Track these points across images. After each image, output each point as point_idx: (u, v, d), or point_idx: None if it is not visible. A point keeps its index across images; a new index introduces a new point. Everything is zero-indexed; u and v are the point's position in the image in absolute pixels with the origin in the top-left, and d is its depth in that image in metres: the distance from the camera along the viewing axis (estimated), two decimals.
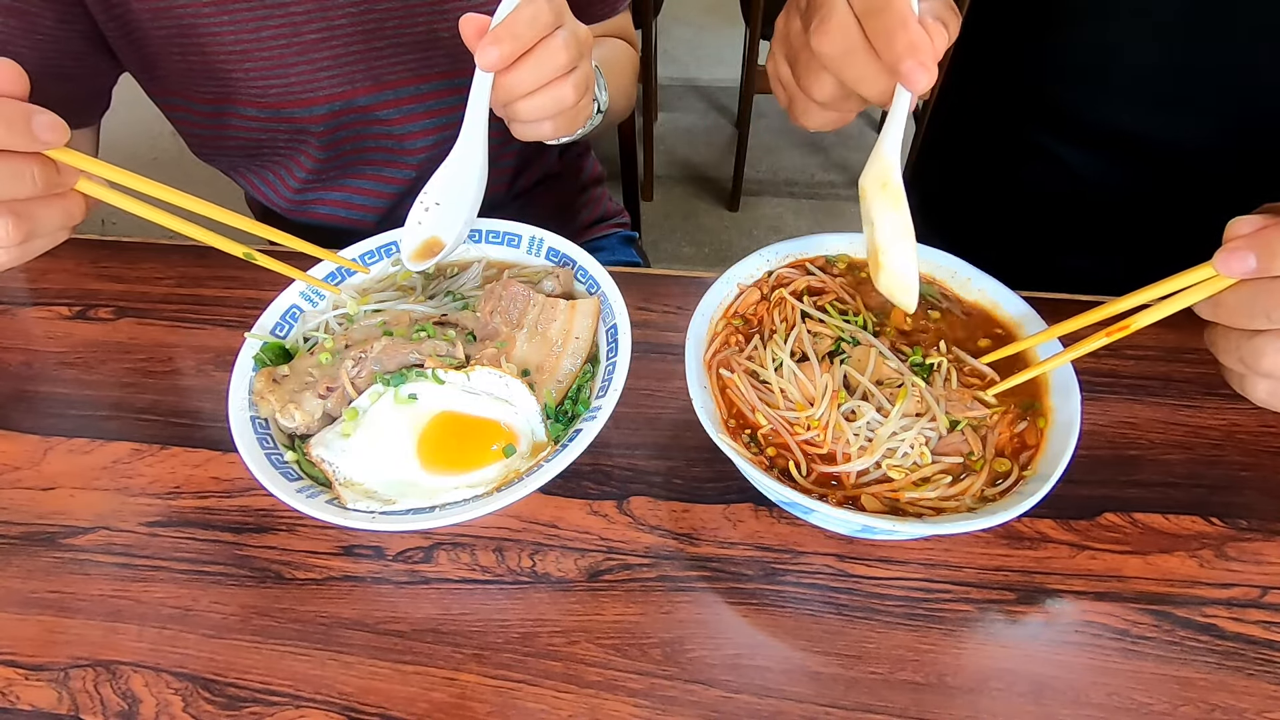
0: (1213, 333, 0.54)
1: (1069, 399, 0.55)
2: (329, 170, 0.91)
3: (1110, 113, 0.80)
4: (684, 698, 0.53)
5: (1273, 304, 0.47)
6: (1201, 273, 0.50)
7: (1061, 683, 0.53)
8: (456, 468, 0.58)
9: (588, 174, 1.18)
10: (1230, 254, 0.48)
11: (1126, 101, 0.78)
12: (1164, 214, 0.82)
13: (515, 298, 0.65)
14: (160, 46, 0.78)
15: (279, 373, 0.61)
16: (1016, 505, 0.49)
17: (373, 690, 0.54)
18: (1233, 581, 0.57)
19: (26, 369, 0.74)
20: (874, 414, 0.56)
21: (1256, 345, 0.50)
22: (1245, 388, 0.54)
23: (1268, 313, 0.48)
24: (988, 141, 0.95)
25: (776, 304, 0.64)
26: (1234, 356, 0.52)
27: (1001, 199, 0.94)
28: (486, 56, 0.57)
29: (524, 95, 0.60)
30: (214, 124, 0.86)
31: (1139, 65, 0.76)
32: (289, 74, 0.80)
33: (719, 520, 0.61)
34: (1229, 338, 0.52)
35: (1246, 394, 0.54)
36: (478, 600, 0.58)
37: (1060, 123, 0.84)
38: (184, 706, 0.53)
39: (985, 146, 0.95)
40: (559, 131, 0.65)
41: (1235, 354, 0.52)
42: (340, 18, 0.79)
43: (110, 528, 0.63)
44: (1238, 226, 0.49)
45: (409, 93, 0.86)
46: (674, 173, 2.61)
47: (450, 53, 0.84)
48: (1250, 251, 0.47)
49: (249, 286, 0.62)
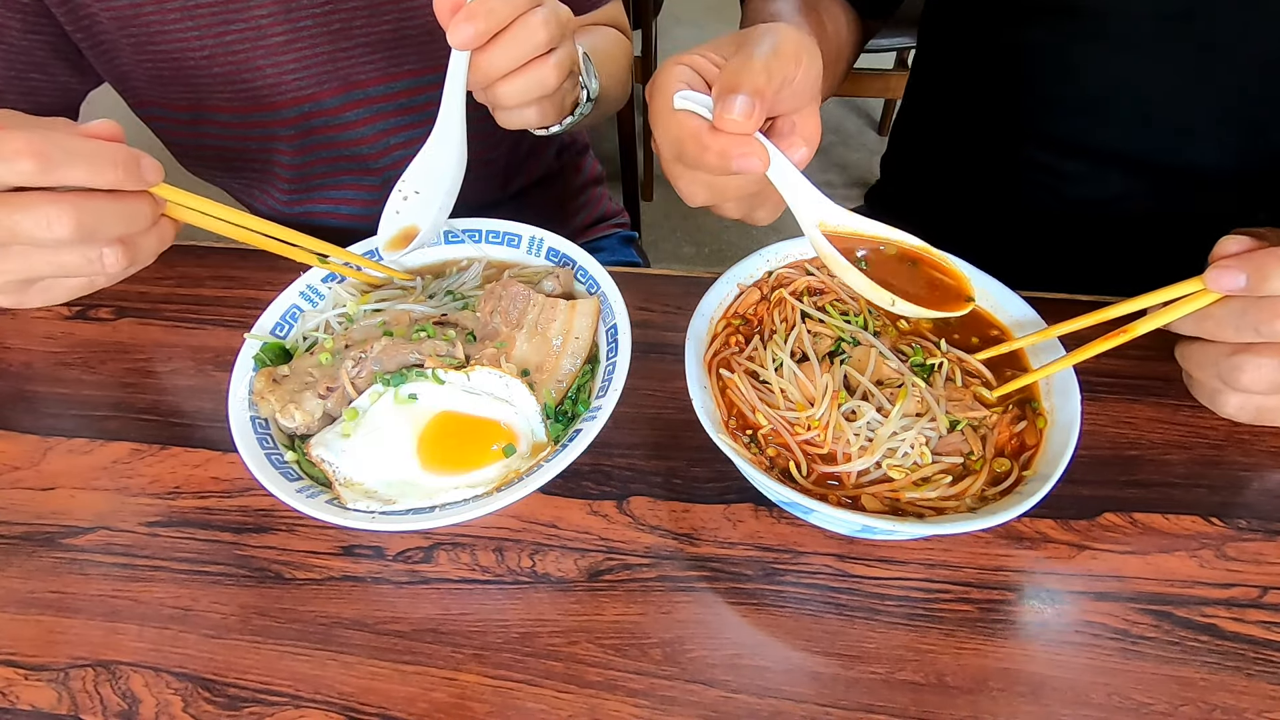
0: (1188, 347, 0.57)
1: (1069, 399, 0.56)
2: (309, 176, 0.91)
3: (1110, 138, 0.80)
4: (684, 698, 0.53)
5: (1263, 319, 0.50)
6: (1189, 286, 0.53)
7: (1061, 683, 0.53)
8: (456, 468, 0.58)
9: (587, 174, 1.18)
10: (1222, 271, 0.50)
11: (1130, 129, 0.79)
12: (1159, 229, 0.82)
13: (515, 298, 0.65)
14: (130, 55, 0.78)
15: (279, 373, 0.61)
16: (1016, 505, 0.49)
17: (373, 690, 0.54)
18: (1233, 581, 0.57)
19: (26, 369, 0.74)
20: (874, 414, 0.56)
21: (1236, 361, 0.52)
22: (1217, 401, 0.56)
23: (1256, 327, 0.50)
24: (978, 158, 0.95)
25: (776, 304, 0.64)
26: (1210, 371, 0.54)
27: (994, 214, 0.94)
28: (460, 34, 0.54)
29: (503, 77, 0.58)
30: (191, 131, 0.86)
31: (1144, 97, 0.76)
32: (256, 78, 0.79)
33: (719, 520, 0.61)
34: (1207, 352, 0.55)
35: (1216, 407, 0.57)
36: (478, 600, 0.58)
37: (1057, 144, 0.85)
38: (184, 706, 0.53)
39: (976, 163, 0.95)
40: (545, 118, 0.63)
41: (1212, 369, 0.54)
42: (305, 19, 0.78)
43: (110, 528, 0.63)
44: (1226, 245, 0.52)
45: (379, 92, 0.85)
46: None
47: (419, 52, 0.83)
48: (1242, 271, 0.50)
49: (249, 286, 0.62)
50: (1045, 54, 0.80)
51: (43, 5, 0.73)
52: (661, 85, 0.52)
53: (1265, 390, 0.52)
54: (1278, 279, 0.48)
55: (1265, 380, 0.51)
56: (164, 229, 0.57)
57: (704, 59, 0.53)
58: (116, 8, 0.73)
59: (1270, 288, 0.49)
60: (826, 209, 0.53)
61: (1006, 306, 0.63)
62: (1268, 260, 0.49)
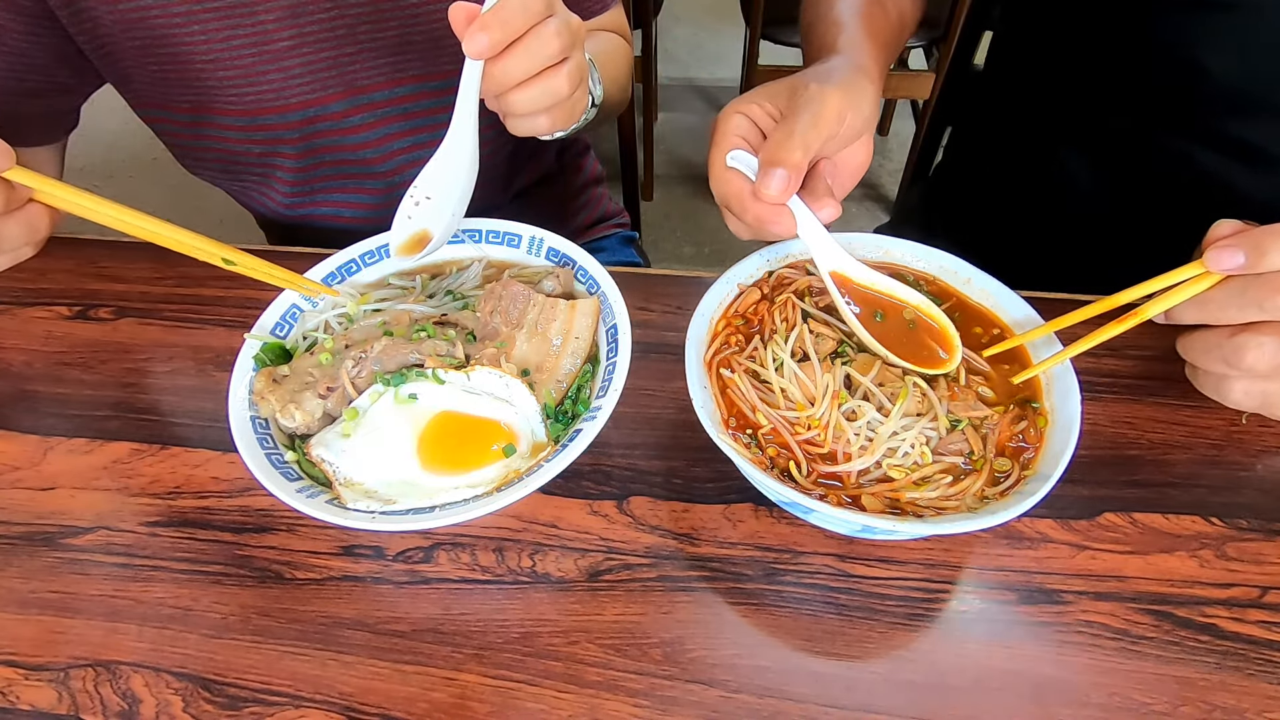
0: (1189, 338, 0.57)
1: (1069, 399, 0.55)
2: (311, 179, 0.91)
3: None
4: (684, 698, 0.53)
5: (1265, 295, 0.51)
6: (1189, 271, 0.54)
7: (1061, 683, 0.53)
8: (456, 468, 0.58)
9: (587, 174, 1.18)
10: (1220, 251, 0.51)
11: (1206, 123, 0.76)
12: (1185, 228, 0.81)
13: (515, 298, 0.65)
14: (134, 58, 0.78)
15: (279, 373, 0.61)
16: (1016, 505, 0.49)
17: (373, 690, 0.54)
18: (1233, 581, 0.57)
19: (26, 369, 0.74)
20: (874, 413, 0.56)
21: (1238, 342, 0.53)
22: (1222, 390, 0.57)
23: (1260, 304, 0.51)
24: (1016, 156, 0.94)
25: (779, 305, 0.64)
26: (1214, 356, 0.55)
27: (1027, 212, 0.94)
28: (475, 43, 0.55)
29: (516, 86, 0.59)
30: (193, 133, 0.86)
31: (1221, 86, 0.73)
32: (261, 82, 0.79)
33: (719, 520, 0.61)
34: (1208, 339, 0.55)
35: (1221, 397, 0.57)
36: (478, 600, 0.58)
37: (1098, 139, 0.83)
38: (184, 706, 0.53)
39: (1013, 161, 0.94)
40: (555, 125, 0.64)
41: (1216, 353, 0.55)
42: (311, 24, 0.78)
43: (110, 528, 0.63)
44: (1220, 229, 0.53)
45: (383, 97, 0.85)
46: (674, 173, 2.61)
47: (424, 57, 0.84)
48: (1240, 249, 0.51)
49: (249, 286, 0.62)
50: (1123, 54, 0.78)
51: (45, 8, 0.73)
52: (719, 137, 0.62)
53: (1268, 370, 0.53)
54: (1276, 254, 0.49)
55: (1268, 359, 0.52)
56: (32, 215, 0.54)
57: (760, 109, 0.62)
58: (120, 11, 0.73)
59: (1269, 263, 0.50)
60: (845, 263, 0.62)
61: (1008, 307, 0.63)
62: (1265, 238, 0.50)
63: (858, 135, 0.62)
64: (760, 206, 0.58)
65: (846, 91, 0.59)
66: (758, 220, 0.59)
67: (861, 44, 0.69)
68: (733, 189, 0.60)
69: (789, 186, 0.56)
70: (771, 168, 0.56)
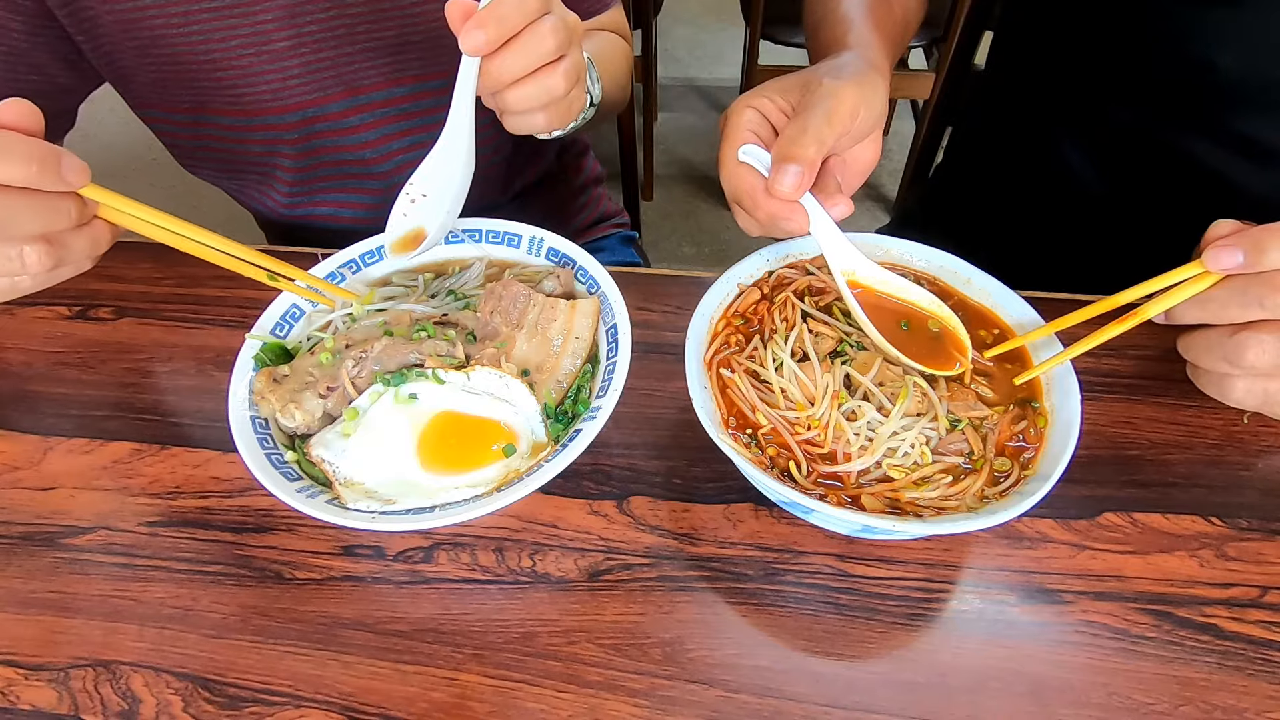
0: (1190, 337, 0.57)
1: (1069, 399, 0.55)
2: (310, 179, 0.91)
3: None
4: (684, 698, 0.53)
5: (1265, 293, 0.51)
6: (1189, 270, 0.54)
7: (1061, 683, 0.53)
8: (456, 468, 0.58)
9: (587, 174, 1.18)
10: (1220, 250, 0.51)
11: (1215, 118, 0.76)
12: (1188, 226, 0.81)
13: (516, 298, 0.65)
14: (133, 58, 0.78)
15: (279, 373, 0.61)
16: (1016, 505, 0.49)
17: (373, 690, 0.54)
18: (1233, 581, 0.57)
19: (26, 369, 0.74)
20: (874, 413, 0.56)
21: (1239, 340, 0.53)
22: (1223, 389, 0.57)
23: (1260, 302, 0.51)
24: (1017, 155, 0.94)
25: (779, 305, 0.64)
26: (1215, 355, 0.55)
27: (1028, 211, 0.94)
28: (471, 40, 0.55)
29: (512, 83, 0.59)
30: (192, 133, 0.85)
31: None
32: (259, 82, 0.79)
33: (719, 520, 0.61)
34: (1209, 338, 0.55)
35: (1223, 396, 0.57)
36: (478, 600, 0.58)
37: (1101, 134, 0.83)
38: (184, 706, 0.53)
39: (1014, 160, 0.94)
40: (552, 124, 0.64)
41: (1218, 352, 0.55)
42: (309, 25, 0.78)
43: (110, 528, 0.63)
44: (1219, 229, 0.53)
45: (382, 97, 0.85)
46: (674, 173, 2.61)
47: (423, 57, 0.84)
48: (1239, 248, 0.51)
49: (249, 286, 0.62)
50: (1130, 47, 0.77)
51: (44, 7, 0.73)
52: (730, 131, 0.61)
53: (1269, 369, 0.53)
54: (1275, 252, 0.50)
55: (1269, 357, 0.52)
56: (97, 230, 0.54)
57: (772, 104, 0.61)
58: (120, 11, 0.73)
59: (1269, 261, 0.50)
60: (859, 263, 0.62)
61: (1007, 307, 0.63)
62: (1264, 236, 0.50)
63: (869, 132, 0.61)
64: (773, 203, 0.58)
65: (860, 87, 0.59)
66: (770, 217, 0.59)
67: (871, 40, 0.69)
68: (744, 185, 0.59)
69: (803, 183, 0.56)
70: (785, 163, 0.56)
